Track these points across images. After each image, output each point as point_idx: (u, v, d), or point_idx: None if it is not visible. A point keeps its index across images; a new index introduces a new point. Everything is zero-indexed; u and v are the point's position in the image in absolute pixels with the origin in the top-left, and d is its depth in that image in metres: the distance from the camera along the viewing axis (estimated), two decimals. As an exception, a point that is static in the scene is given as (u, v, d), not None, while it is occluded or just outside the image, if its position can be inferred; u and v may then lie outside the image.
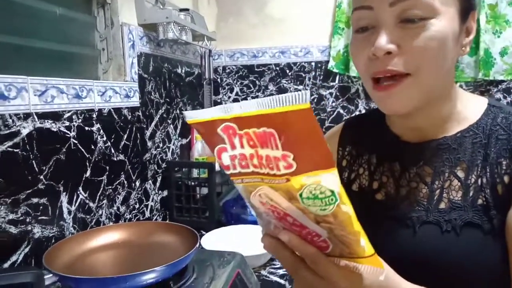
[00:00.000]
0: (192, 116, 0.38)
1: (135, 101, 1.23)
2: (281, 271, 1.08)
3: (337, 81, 1.74)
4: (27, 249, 0.83)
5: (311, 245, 0.41)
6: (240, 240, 1.21)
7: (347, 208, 0.37)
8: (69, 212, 0.95)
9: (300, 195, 0.36)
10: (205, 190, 1.46)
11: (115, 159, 1.14)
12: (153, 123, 1.35)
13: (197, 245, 0.78)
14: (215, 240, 1.18)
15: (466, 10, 0.54)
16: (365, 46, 0.54)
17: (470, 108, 0.59)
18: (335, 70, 1.69)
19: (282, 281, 1.04)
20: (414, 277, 0.49)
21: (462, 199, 0.55)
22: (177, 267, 0.74)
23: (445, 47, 0.51)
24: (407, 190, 0.59)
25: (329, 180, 0.35)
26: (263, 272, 1.08)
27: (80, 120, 0.99)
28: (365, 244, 0.40)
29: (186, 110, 1.60)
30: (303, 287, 0.47)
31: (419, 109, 0.56)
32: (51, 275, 0.68)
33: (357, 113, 1.71)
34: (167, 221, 1.39)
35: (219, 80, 1.87)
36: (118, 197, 1.15)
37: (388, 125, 0.66)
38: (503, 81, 1.51)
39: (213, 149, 0.39)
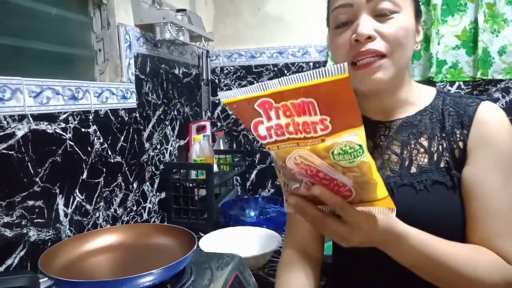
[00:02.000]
0: (228, 96, 0.44)
1: (132, 102, 1.22)
2: (280, 273, 1.07)
3: (335, 81, 1.73)
4: (22, 253, 0.82)
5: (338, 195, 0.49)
6: (239, 242, 1.20)
7: (368, 158, 0.44)
8: (66, 215, 0.94)
9: (332, 152, 0.43)
10: (203, 192, 1.45)
11: (112, 160, 1.13)
12: (151, 124, 1.34)
13: (195, 247, 0.77)
14: (214, 241, 1.17)
15: (417, 13, 0.70)
16: (345, 36, 0.66)
17: (423, 94, 0.74)
18: (333, 70, 1.68)
19: (281, 283, 1.03)
20: None
21: (429, 163, 0.68)
22: (175, 270, 0.73)
23: (408, 36, 0.66)
24: (381, 161, 0.72)
25: (359, 136, 0.42)
26: (262, 274, 1.07)
27: (76, 122, 0.98)
28: (380, 188, 0.47)
29: (183, 111, 1.59)
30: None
31: (388, 89, 0.69)
32: (46, 278, 0.67)
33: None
34: (165, 223, 1.38)
35: (217, 81, 1.86)
36: (115, 199, 1.14)
37: None
38: (501, 80, 1.50)
39: (249, 124, 0.45)
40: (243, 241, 1.20)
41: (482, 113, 0.67)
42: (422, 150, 0.69)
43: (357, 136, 0.42)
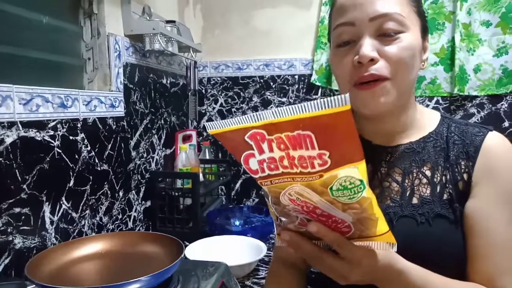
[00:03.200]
0: (214, 127, 0.41)
1: (120, 111, 1.23)
2: (264, 281, 1.09)
3: (319, 94, 1.78)
4: (7, 260, 0.82)
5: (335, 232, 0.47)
6: (224, 251, 1.21)
7: (370, 194, 0.42)
8: (52, 223, 0.94)
9: (331, 188, 0.40)
10: (188, 201, 1.46)
11: (99, 168, 1.13)
12: (138, 133, 1.35)
13: (183, 255, 0.78)
14: (199, 250, 1.18)
15: (424, 30, 0.66)
16: (348, 57, 0.62)
17: (427, 118, 0.70)
18: (317, 83, 1.73)
19: (265, 291, 1.05)
20: None
21: (431, 194, 0.64)
22: (163, 277, 0.74)
23: (414, 56, 0.62)
24: (380, 189, 0.67)
25: (359, 170, 0.39)
26: (247, 283, 1.09)
27: (64, 130, 0.98)
28: (381, 223, 0.45)
29: (170, 120, 1.61)
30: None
31: (392, 112, 0.65)
32: (34, 285, 0.67)
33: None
34: (151, 232, 1.38)
35: (203, 91, 1.89)
36: (101, 208, 1.14)
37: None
38: (477, 96, 1.57)
39: (239, 156, 0.42)
40: (229, 249, 1.22)
41: (490, 144, 0.63)
42: (424, 180, 0.65)
43: (358, 170, 0.39)
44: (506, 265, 0.60)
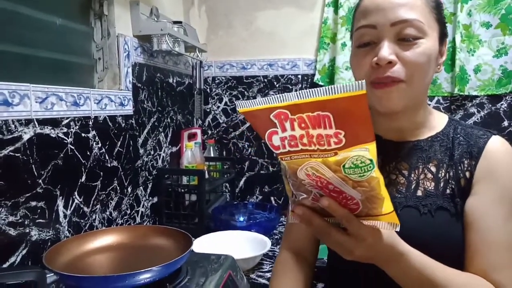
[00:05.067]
0: (244, 105, 0.45)
1: (129, 109, 1.27)
2: (268, 275, 1.13)
3: (322, 94, 1.81)
4: (24, 251, 0.85)
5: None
6: (230, 245, 1.25)
7: (378, 174, 0.46)
8: (65, 216, 0.98)
9: (343, 166, 0.45)
10: (193, 197, 1.49)
11: (109, 165, 1.17)
12: (145, 131, 1.39)
13: (192, 246, 0.82)
14: (205, 245, 1.22)
15: (442, 36, 0.70)
16: (367, 57, 0.66)
17: (437, 119, 0.76)
18: (320, 83, 1.76)
19: (270, 284, 1.08)
20: None
21: (435, 188, 0.69)
22: (173, 267, 0.78)
23: (430, 62, 0.66)
24: (388, 181, 0.72)
25: (370, 151, 0.43)
26: (252, 275, 1.13)
27: (77, 127, 1.02)
28: (386, 203, 0.49)
29: (176, 119, 1.64)
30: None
31: (404, 111, 0.69)
32: (52, 274, 0.71)
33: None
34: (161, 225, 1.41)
35: (208, 90, 1.92)
36: (110, 203, 1.18)
37: None
38: (477, 96, 1.60)
39: (264, 133, 0.46)
40: (234, 244, 1.25)
41: (492, 146, 0.67)
42: (429, 175, 0.70)
43: (368, 151, 0.43)
44: (501, 261, 0.63)
